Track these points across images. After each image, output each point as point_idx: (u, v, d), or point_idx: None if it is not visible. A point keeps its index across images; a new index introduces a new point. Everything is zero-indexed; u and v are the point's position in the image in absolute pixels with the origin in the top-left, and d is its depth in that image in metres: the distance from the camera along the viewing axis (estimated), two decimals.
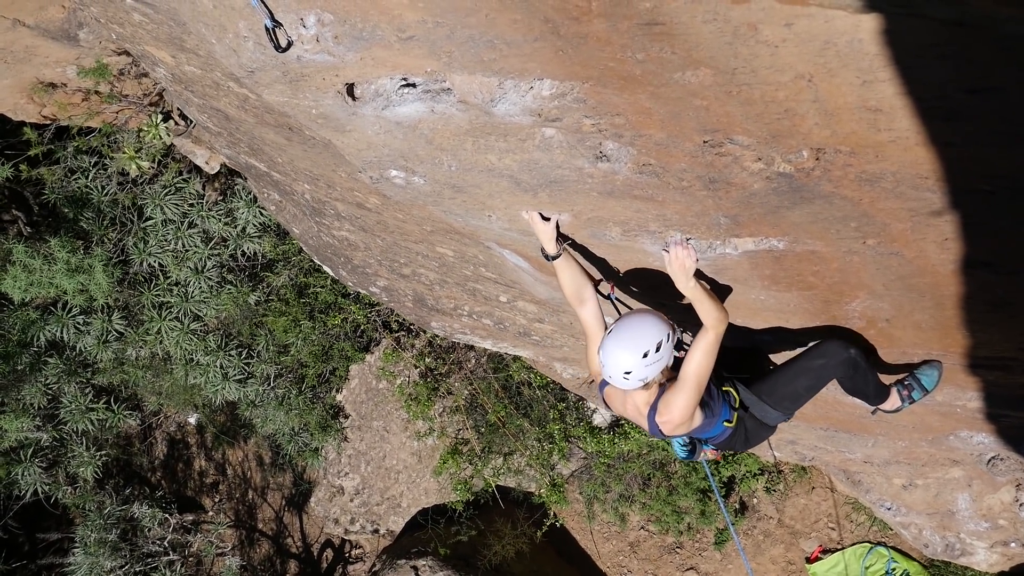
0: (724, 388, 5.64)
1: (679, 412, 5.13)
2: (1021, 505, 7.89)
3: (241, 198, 11.63)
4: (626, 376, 4.98)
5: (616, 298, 5.68)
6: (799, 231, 4.60)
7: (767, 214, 4.51)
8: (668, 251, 4.88)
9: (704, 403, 5.32)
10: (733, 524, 11.20)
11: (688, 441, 5.89)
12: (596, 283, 5.46)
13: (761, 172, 4.14)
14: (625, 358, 4.93)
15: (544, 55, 3.83)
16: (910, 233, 4.29)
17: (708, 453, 5.96)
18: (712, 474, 7.48)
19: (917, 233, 4.27)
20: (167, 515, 14.72)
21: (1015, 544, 8.34)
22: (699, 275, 5.07)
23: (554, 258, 5.25)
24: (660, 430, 5.29)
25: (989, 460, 7.53)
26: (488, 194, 5.17)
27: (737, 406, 5.67)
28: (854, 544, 11.89)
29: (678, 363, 5.19)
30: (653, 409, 5.24)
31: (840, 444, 8.12)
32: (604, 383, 5.45)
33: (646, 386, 5.12)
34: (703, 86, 3.64)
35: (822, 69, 3.31)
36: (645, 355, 4.92)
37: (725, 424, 5.60)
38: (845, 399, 6.88)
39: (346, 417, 14.26)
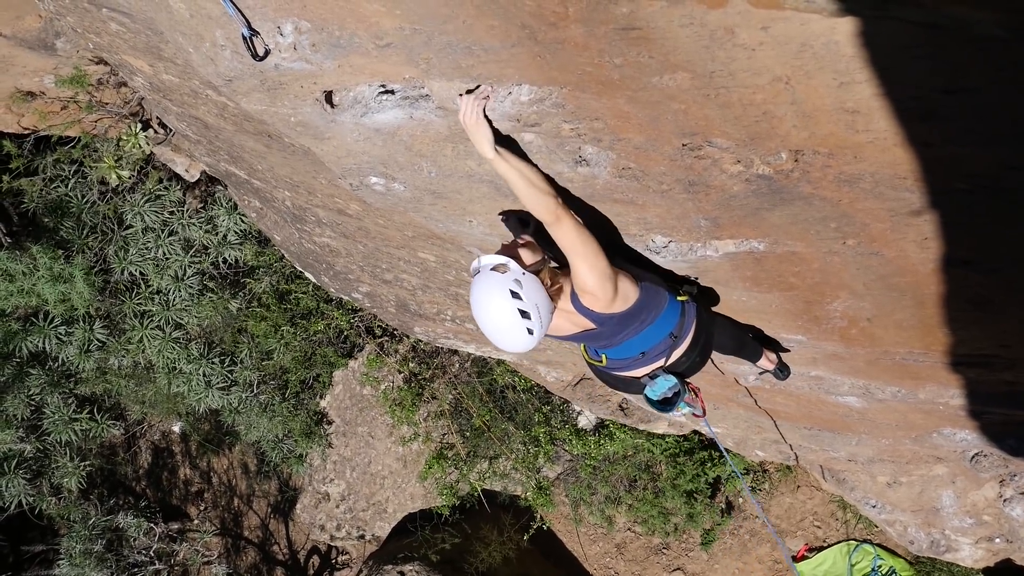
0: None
1: (586, 279, 4.50)
2: (1005, 501, 7.92)
3: (222, 205, 11.60)
4: (535, 335, 4.45)
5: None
6: (779, 232, 4.61)
7: (747, 216, 4.52)
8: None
9: (636, 276, 4.82)
10: (742, 476, 11.11)
11: (673, 385, 5.22)
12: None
13: (740, 174, 4.14)
14: (517, 336, 4.44)
15: (522, 61, 3.83)
16: (890, 233, 4.30)
17: (691, 392, 5.39)
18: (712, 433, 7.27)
19: (897, 233, 4.28)
20: (152, 524, 14.69)
21: (999, 540, 8.38)
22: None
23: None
24: (595, 311, 4.67)
25: (972, 457, 7.55)
26: (468, 200, 5.16)
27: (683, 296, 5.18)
28: (840, 542, 11.92)
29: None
30: (577, 301, 4.67)
31: (824, 443, 8.14)
32: None
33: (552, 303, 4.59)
34: (681, 90, 3.64)
35: (799, 71, 3.32)
36: (523, 314, 4.39)
37: (679, 300, 5.08)
38: (828, 398, 6.90)
39: (330, 423, 14.25)
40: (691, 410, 5.47)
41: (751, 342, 6.12)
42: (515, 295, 4.39)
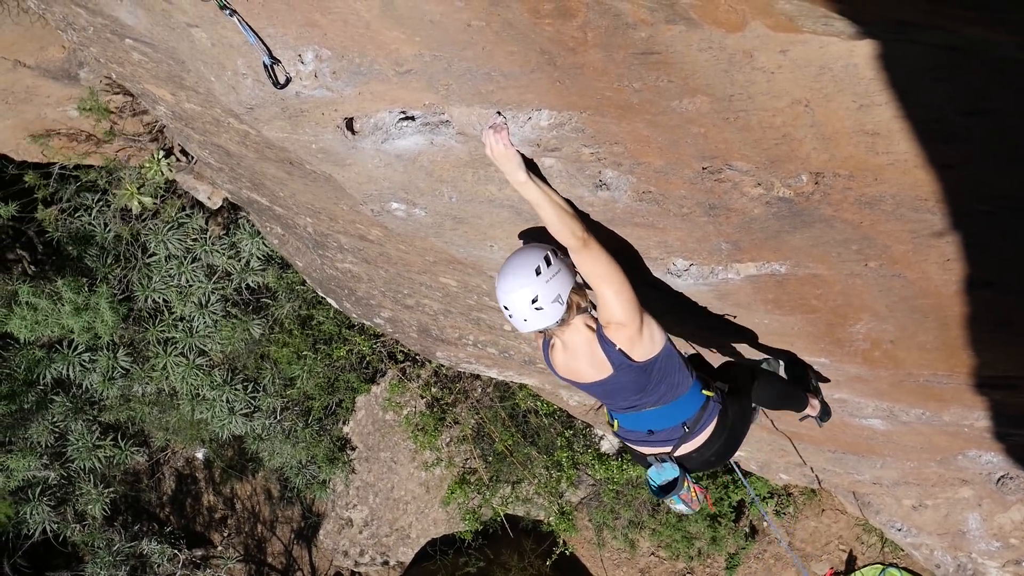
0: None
1: (614, 307, 4.47)
2: None
3: (244, 232, 11.64)
4: (536, 306, 4.45)
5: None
6: (800, 255, 4.60)
7: (768, 239, 4.51)
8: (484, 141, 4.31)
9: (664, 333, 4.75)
10: (760, 499, 11.09)
11: (676, 477, 5.07)
12: None
13: (761, 197, 4.14)
14: (520, 286, 4.44)
15: (541, 86, 3.84)
16: (912, 255, 4.29)
17: (692, 491, 5.16)
18: (738, 471, 7.18)
19: (919, 255, 4.27)
20: (176, 551, 14.70)
21: None
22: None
23: None
24: (617, 349, 4.59)
25: (999, 479, 7.49)
26: (489, 224, 5.17)
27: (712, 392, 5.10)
28: (866, 566, 11.84)
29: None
30: (601, 335, 4.63)
31: (849, 466, 8.09)
32: (547, 349, 4.96)
33: (568, 313, 4.55)
34: (700, 113, 3.65)
35: (818, 94, 3.32)
36: (538, 272, 4.43)
37: (704, 393, 5.00)
38: (852, 421, 6.86)
39: (353, 449, 14.25)
40: (684, 508, 5.25)
41: (797, 393, 6.04)
42: (548, 261, 4.49)
